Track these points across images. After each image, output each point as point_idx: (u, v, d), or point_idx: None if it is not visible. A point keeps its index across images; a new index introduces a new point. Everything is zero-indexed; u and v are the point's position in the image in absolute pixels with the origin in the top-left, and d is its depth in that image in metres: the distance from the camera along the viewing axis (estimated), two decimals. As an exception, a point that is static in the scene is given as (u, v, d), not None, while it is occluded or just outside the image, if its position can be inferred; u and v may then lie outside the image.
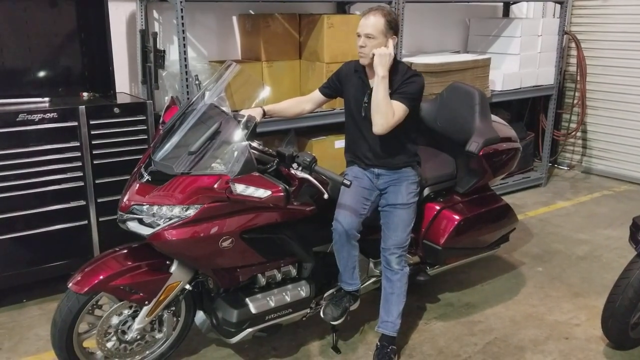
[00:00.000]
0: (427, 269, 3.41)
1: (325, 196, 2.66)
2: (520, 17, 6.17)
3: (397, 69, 2.91)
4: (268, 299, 2.84)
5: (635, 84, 5.89)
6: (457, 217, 3.26)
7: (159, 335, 2.84)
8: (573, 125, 6.44)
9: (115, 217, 2.61)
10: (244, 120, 2.66)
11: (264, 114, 2.96)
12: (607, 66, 6.08)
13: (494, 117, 3.60)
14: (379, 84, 2.77)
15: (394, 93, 2.86)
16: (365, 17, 2.83)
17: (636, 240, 3.02)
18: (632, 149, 6.03)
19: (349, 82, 3.02)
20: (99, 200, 3.55)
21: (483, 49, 5.70)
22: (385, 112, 2.78)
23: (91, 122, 3.44)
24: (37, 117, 3.29)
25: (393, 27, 2.84)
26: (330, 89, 3.13)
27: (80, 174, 3.47)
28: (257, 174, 2.50)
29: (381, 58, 2.77)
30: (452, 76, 4.69)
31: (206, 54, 4.48)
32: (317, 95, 3.17)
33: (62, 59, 3.84)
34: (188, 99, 3.57)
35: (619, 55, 5.96)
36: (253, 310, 2.77)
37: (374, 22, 2.80)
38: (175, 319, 2.84)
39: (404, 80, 2.86)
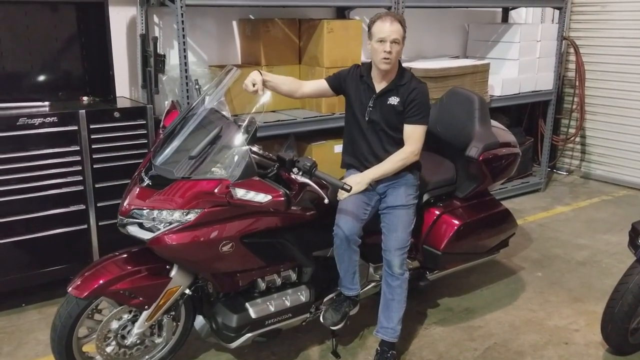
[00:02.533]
0: (427, 274, 3.41)
1: (326, 201, 2.67)
2: (519, 22, 6.19)
3: (402, 75, 2.93)
4: (268, 303, 2.83)
5: (633, 89, 5.90)
6: (456, 222, 3.26)
7: (158, 340, 2.83)
8: (572, 131, 6.46)
9: (115, 221, 2.61)
10: (244, 124, 2.66)
11: (261, 75, 2.83)
12: (605, 71, 6.09)
13: (493, 122, 3.61)
14: (377, 176, 2.93)
15: (407, 117, 2.90)
16: (384, 22, 2.81)
17: (635, 246, 3.03)
18: (631, 154, 6.05)
19: (353, 85, 3.02)
20: (98, 205, 3.55)
21: (482, 54, 5.71)
22: (404, 160, 2.93)
23: (91, 127, 3.44)
24: (37, 121, 3.29)
25: (405, 34, 2.87)
26: (337, 82, 3.08)
27: (80, 178, 3.47)
28: (257, 178, 2.50)
29: (359, 186, 2.89)
30: (451, 81, 4.70)
31: (206, 58, 4.48)
32: (321, 82, 3.12)
33: (63, 63, 3.85)
34: (188, 103, 3.57)
35: (618, 61, 5.98)
36: (253, 315, 2.77)
37: (397, 28, 2.80)
38: (174, 323, 2.84)
39: (410, 94, 2.87)
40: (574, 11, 6.30)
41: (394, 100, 2.91)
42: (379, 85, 2.95)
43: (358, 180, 2.89)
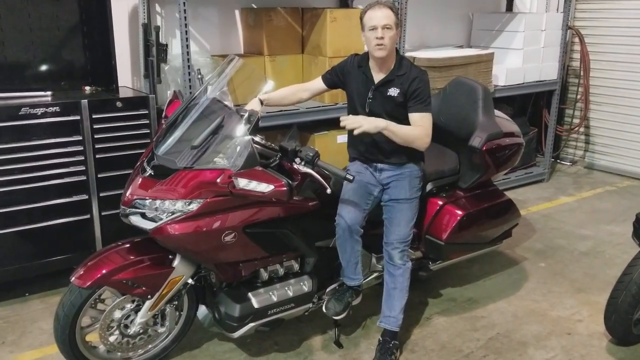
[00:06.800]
0: (430, 264, 3.41)
1: (328, 191, 2.66)
2: (524, 11, 6.15)
3: (400, 64, 2.90)
4: (270, 293, 2.84)
5: (638, 79, 5.86)
6: (459, 212, 3.25)
7: (161, 330, 2.84)
8: (576, 121, 6.43)
9: (118, 211, 2.61)
10: (246, 114, 2.65)
11: (262, 103, 2.92)
12: (610, 61, 6.06)
13: (497, 112, 3.59)
14: (388, 131, 2.76)
15: (412, 106, 2.85)
16: (374, 10, 2.79)
17: (639, 236, 3.02)
18: (635, 144, 6.02)
19: (352, 77, 3.00)
20: (101, 195, 3.55)
21: (486, 44, 5.68)
22: (416, 138, 2.82)
23: (93, 116, 3.43)
24: (39, 110, 3.28)
25: (399, 20, 2.84)
26: (332, 80, 3.09)
27: (82, 168, 3.47)
28: (259, 168, 2.50)
29: (369, 125, 2.71)
30: (455, 71, 4.67)
31: (209, 47, 4.47)
32: (318, 84, 3.13)
33: (65, 52, 3.83)
34: (190, 93, 3.56)
35: (623, 51, 5.94)
36: (255, 305, 2.77)
37: (387, 14, 2.78)
38: (177, 313, 2.85)
39: (411, 84, 2.83)
40: (579, 0, 6.25)
41: (394, 92, 2.87)
42: (378, 76, 2.91)
43: (370, 120, 2.75)
